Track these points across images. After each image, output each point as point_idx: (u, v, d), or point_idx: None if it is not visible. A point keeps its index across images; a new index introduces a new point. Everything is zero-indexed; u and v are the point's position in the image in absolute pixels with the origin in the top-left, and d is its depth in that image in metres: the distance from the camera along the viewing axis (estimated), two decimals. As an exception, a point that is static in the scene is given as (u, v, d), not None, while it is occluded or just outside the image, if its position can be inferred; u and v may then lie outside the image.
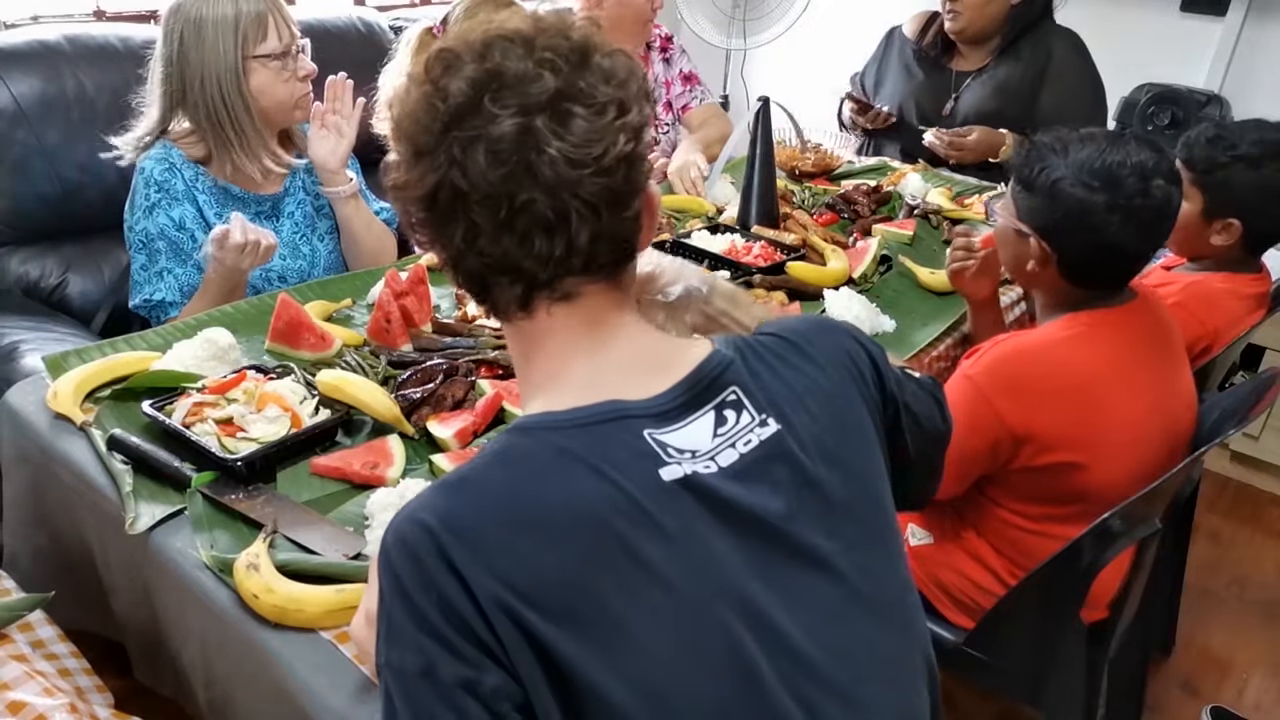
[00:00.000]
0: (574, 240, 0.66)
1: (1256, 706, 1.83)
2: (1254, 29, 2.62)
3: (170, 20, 1.47)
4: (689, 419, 0.69)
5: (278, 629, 0.87)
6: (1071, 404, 1.16)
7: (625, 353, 0.72)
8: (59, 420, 1.13)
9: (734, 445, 0.69)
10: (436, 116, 0.66)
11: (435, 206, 0.67)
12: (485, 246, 0.67)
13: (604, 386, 0.69)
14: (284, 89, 1.52)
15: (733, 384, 0.71)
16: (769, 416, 0.70)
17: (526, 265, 0.67)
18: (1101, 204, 1.12)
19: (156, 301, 1.52)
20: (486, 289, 0.71)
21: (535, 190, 0.65)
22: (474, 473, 0.66)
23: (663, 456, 0.66)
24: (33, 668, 0.94)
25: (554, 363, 0.72)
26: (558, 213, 0.65)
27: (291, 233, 1.65)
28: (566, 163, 0.65)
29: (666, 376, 0.71)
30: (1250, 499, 2.47)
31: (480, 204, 0.65)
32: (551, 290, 0.69)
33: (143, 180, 1.51)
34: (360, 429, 1.16)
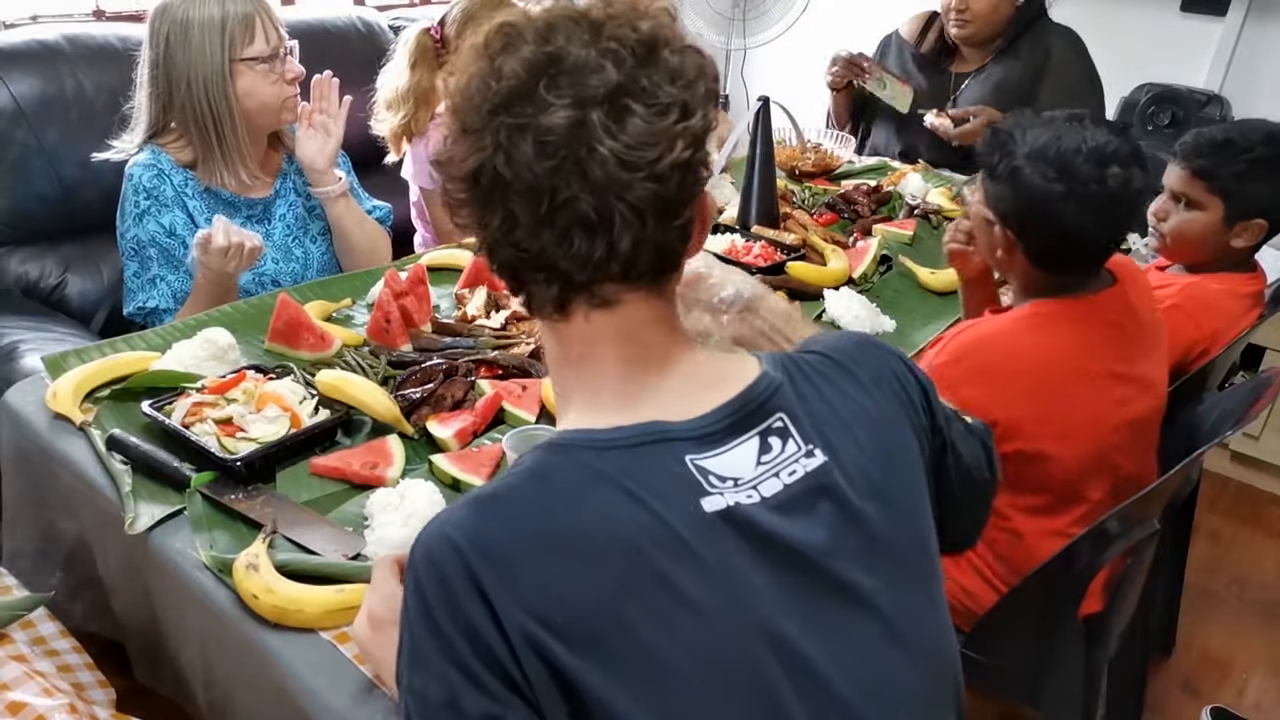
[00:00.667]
0: (615, 244, 0.63)
1: (1257, 707, 1.83)
2: (1254, 29, 2.62)
3: (156, 22, 1.45)
4: (732, 444, 0.66)
5: (277, 629, 0.86)
6: (1031, 390, 1.16)
7: (667, 368, 0.69)
8: (58, 420, 1.13)
9: (778, 475, 0.66)
10: (487, 96, 0.63)
11: (476, 189, 0.64)
12: (522, 239, 0.64)
13: (643, 403, 0.67)
14: (271, 92, 1.51)
15: (779, 410, 0.68)
16: (815, 447, 0.67)
17: (562, 264, 0.64)
18: (1058, 193, 1.11)
19: (150, 309, 1.51)
20: (521, 283, 0.68)
21: (580, 188, 0.61)
22: (508, 490, 0.63)
23: (704, 485, 0.63)
24: (32, 668, 0.94)
25: (590, 372, 0.69)
26: (601, 214, 0.62)
27: (283, 235, 1.64)
28: (618, 163, 0.61)
29: (710, 396, 0.68)
30: (1250, 499, 2.47)
31: (521, 194, 0.62)
32: (589, 295, 0.66)
33: (131, 187, 1.50)
34: (360, 429, 1.16)
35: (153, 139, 1.52)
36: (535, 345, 1.31)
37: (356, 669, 0.83)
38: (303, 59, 1.57)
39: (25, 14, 2.01)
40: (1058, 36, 2.23)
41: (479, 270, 1.51)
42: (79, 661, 1.03)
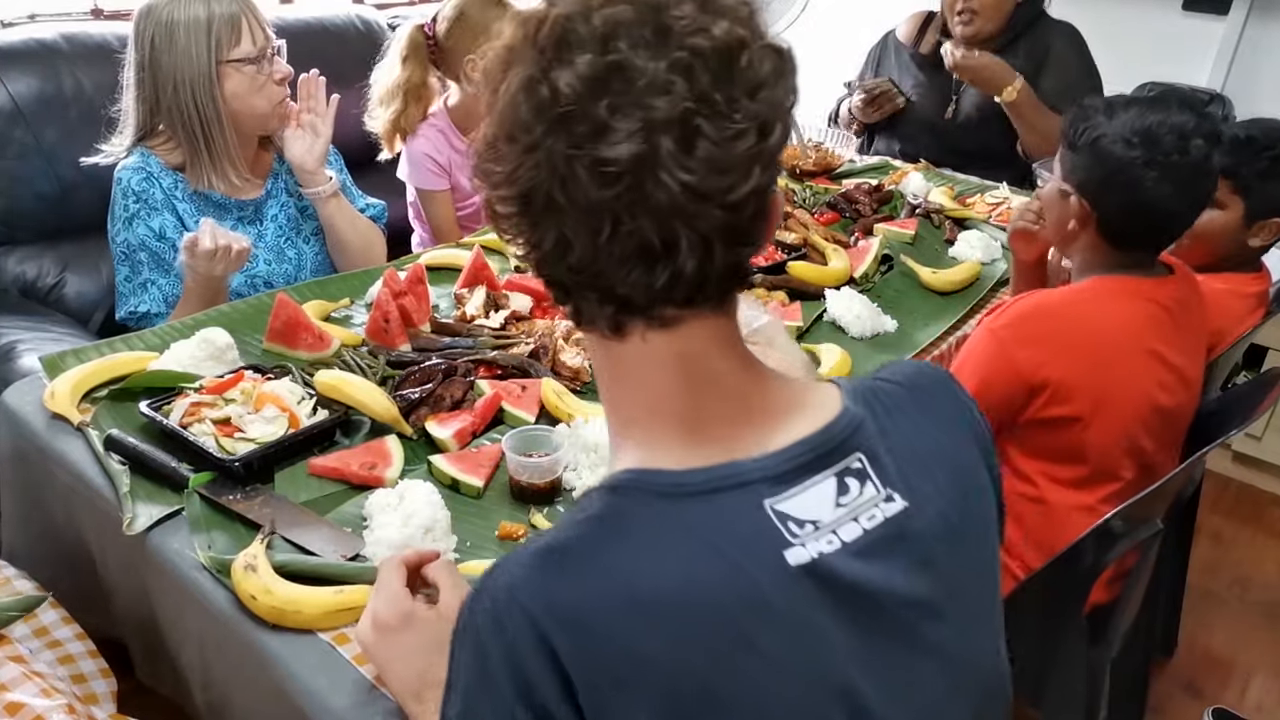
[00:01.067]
0: (679, 272, 0.57)
1: (1259, 708, 1.83)
2: (1256, 28, 2.61)
3: (141, 23, 1.44)
4: (808, 482, 0.61)
5: (276, 630, 0.86)
6: (1084, 357, 1.19)
7: (734, 395, 0.63)
8: (56, 420, 1.13)
9: (857, 519, 0.61)
10: (539, 112, 0.55)
11: (526, 208, 0.58)
12: (577, 262, 0.57)
13: (712, 437, 0.62)
14: (259, 94, 1.49)
15: (858, 450, 0.63)
16: (895, 492, 0.63)
17: (620, 289, 0.58)
18: (1139, 160, 1.14)
19: (141, 314, 1.50)
20: (570, 298, 0.62)
21: (644, 216, 0.55)
22: (580, 544, 0.58)
23: (785, 535, 0.59)
24: (30, 669, 0.94)
25: (650, 398, 0.63)
26: (665, 242, 0.56)
27: (275, 236, 1.63)
28: (686, 192, 0.54)
29: (785, 430, 0.62)
30: (1252, 500, 2.47)
31: (577, 220, 0.56)
32: (647, 317, 0.60)
33: (120, 191, 1.48)
34: (358, 429, 1.15)
35: (141, 141, 1.51)
36: (535, 345, 1.31)
37: (356, 670, 0.83)
38: (300, 57, 1.56)
39: (23, 13, 2.00)
40: (1057, 33, 2.23)
41: (478, 270, 1.50)
42: (81, 650, 1.03)
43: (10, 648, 0.96)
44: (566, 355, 1.29)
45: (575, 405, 1.18)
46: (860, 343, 1.46)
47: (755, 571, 0.57)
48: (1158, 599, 1.74)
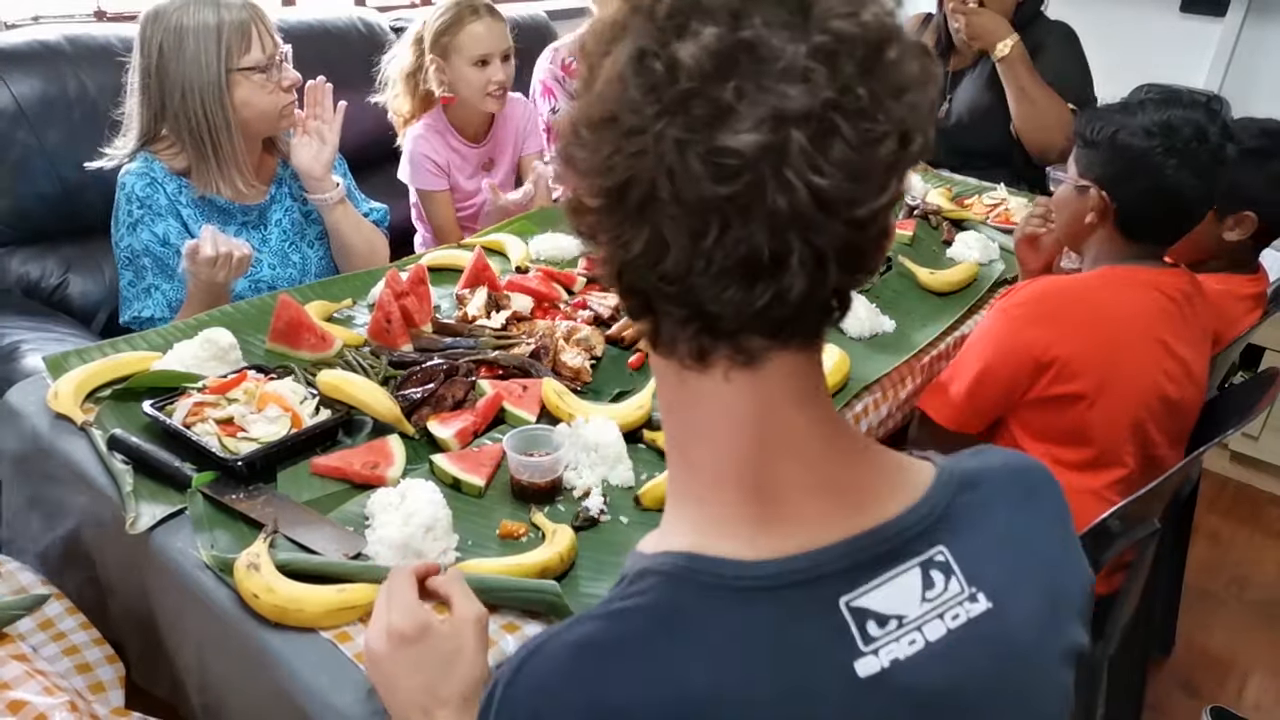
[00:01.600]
0: (783, 292, 0.49)
1: (1256, 707, 1.84)
2: (1253, 29, 2.62)
3: (148, 29, 1.43)
4: (891, 573, 0.54)
5: (278, 629, 0.87)
6: (1093, 336, 1.22)
7: (816, 462, 0.55)
8: (59, 420, 1.13)
9: (942, 617, 0.54)
10: (652, 90, 0.47)
11: (621, 202, 0.50)
12: (670, 270, 0.49)
13: (785, 513, 0.54)
14: (268, 101, 1.49)
15: (942, 543, 0.56)
16: (979, 591, 0.56)
17: (711, 306, 0.50)
18: (1159, 148, 1.18)
19: (145, 319, 1.50)
20: (650, 314, 0.54)
21: (757, 222, 0.47)
22: (628, 641, 0.52)
23: (859, 641, 0.52)
24: (33, 666, 0.94)
25: (718, 458, 0.55)
26: (776, 255, 0.48)
27: (280, 241, 1.63)
28: (812, 199, 0.46)
29: (868, 509, 0.55)
30: (1250, 499, 2.48)
31: (679, 220, 0.48)
32: (734, 346, 0.52)
33: (124, 196, 1.48)
34: (360, 429, 1.16)
35: (145, 146, 1.50)
36: (536, 346, 1.31)
37: (357, 669, 0.83)
38: (303, 60, 1.56)
39: (27, 14, 2.01)
40: (1050, 31, 2.23)
41: (479, 271, 1.51)
42: (86, 639, 1.04)
43: (13, 646, 0.97)
44: (567, 355, 1.30)
45: (576, 405, 1.19)
46: (858, 343, 1.47)
47: (819, 685, 0.51)
48: (1155, 598, 1.75)
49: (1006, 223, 1.93)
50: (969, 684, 0.55)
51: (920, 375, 1.44)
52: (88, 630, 1.04)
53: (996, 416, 1.30)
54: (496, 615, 0.89)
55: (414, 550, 0.93)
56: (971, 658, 0.55)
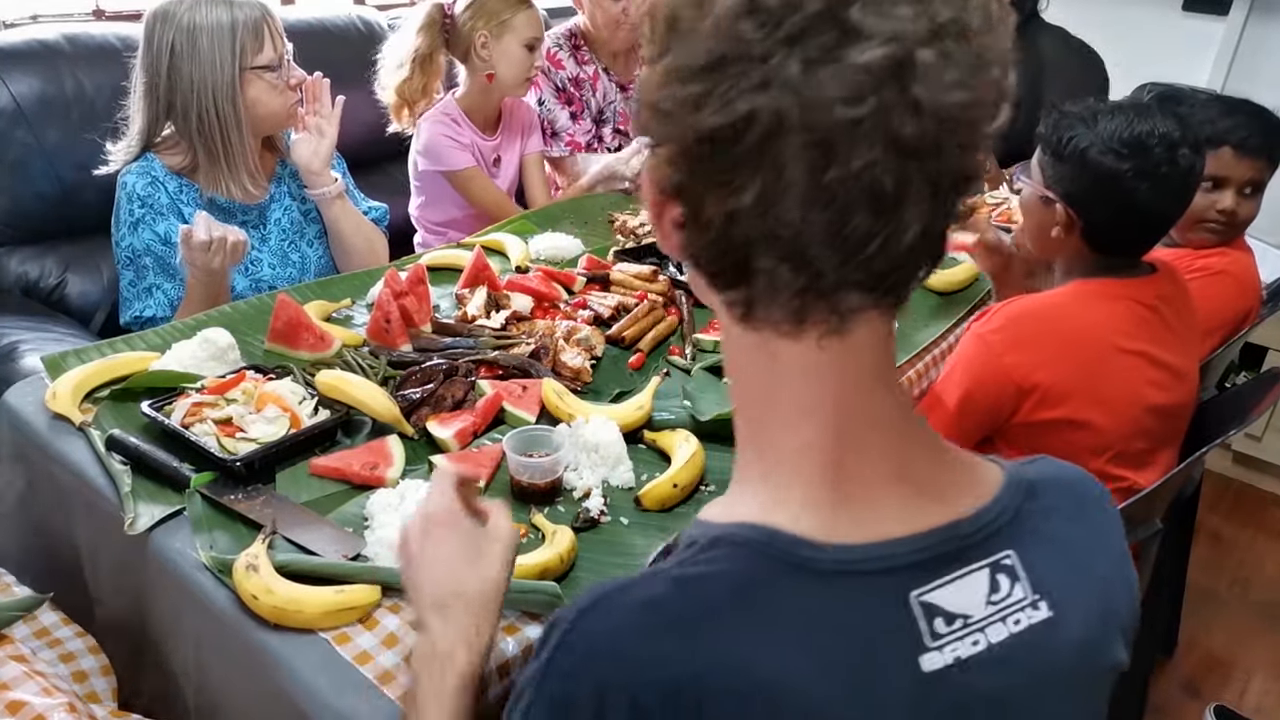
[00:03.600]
0: (900, 230, 0.48)
1: (1258, 709, 1.83)
2: (1256, 28, 2.62)
3: (157, 28, 1.42)
4: (961, 572, 0.53)
5: (277, 630, 0.86)
6: (1074, 358, 1.20)
7: (893, 452, 0.55)
8: (58, 420, 1.13)
9: (1004, 621, 0.54)
10: (769, 24, 0.46)
11: (737, 142, 0.47)
12: (784, 213, 0.48)
13: (859, 497, 0.54)
14: (279, 100, 1.50)
15: (1010, 547, 0.55)
16: (1041, 599, 0.56)
17: (816, 252, 0.48)
18: (1130, 171, 1.16)
19: (146, 319, 1.50)
20: (745, 278, 0.52)
21: (881, 149, 0.46)
22: (704, 607, 0.50)
23: (925, 636, 0.52)
24: (32, 668, 0.94)
25: (801, 431, 0.54)
26: (898, 186, 0.47)
27: (279, 240, 1.63)
28: (935, 120, 0.46)
29: (939, 505, 0.55)
30: (1252, 500, 2.47)
31: (804, 150, 0.46)
32: (831, 306, 0.51)
33: (125, 195, 1.48)
34: (360, 429, 1.15)
35: (146, 146, 1.50)
36: (535, 346, 1.31)
37: (356, 670, 0.83)
38: (302, 59, 1.57)
39: (25, 13, 2.00)
40: (1047, 36, 2.22)
41: (479, 270, 1.51)
42: (81, 647, 1.03)
43: (12, 647, 0.97)
44: (567, 355, 1.30)
45: (576, 405, 1.18)
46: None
47: (886, 676, 0.51)
48: (1158, 599, 1.74)
49: (1008, 221, 1.92)
50: (1022, 690, 0.55)
51: (922, 375, 1.44)
52: (83, 638, 1.04)
53: (983, 438, 1.28)
54: (496, 617, 0.89)
55: (413, 551, 0.92)
56: (1028, 664, 0.55)
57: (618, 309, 1.46)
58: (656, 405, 1.21)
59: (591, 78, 2.25)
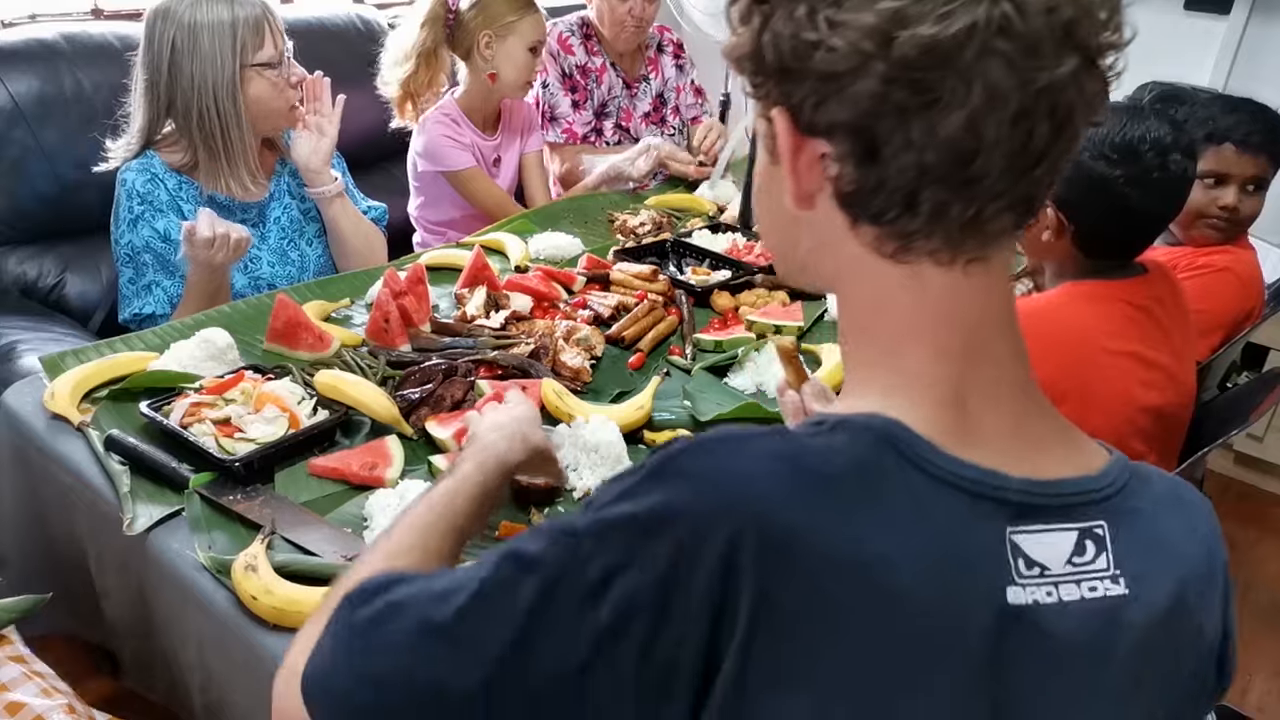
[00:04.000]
0: (1068, 144, 0.51)
1: (1260, 709, 1.83)
2: (1258, 27, 2.61)
3: (158, 25, 1.42)
4: (1052, 526, 0.54)
5: (276, 630, 0.86)
6: (1061, 359, 1.18)
7: (1008, 395, 0.56)
8: (56, 420, 1.13)
9: (1079, 584, 0.54)
10: None
11: (950, 61, 0.47)
12: (988, 130, 0.48)
13: (976, 427, 0.54)
14: (279, 98, 1.50)
15: (1104, 518, 0.55)
16: (1122, 575, 0.55)
17: (999, 174, 0.49)
18: (1121, 177, 1.15)
19: (146, 315, 1.50)
20: (912, 207, 0.51)
21: (1073, 60, 0.49)
22: (835, 475, 0.50)
23: (1013, 570, 0.52)
24: (31, 668, 0.93)
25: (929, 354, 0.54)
26: (1073, 100, 0.50)
27: (279, 239, 1.63)
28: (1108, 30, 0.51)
29: (1044, 459, 0.55)
30: (1254, 501, 2.47)
31: (1015, 61, 0.47)
32: (982, 231, 0.52)
33: (125, 192, 1.48)
34: (359, 430, 1.15)
35: (146, 144, 1.50)
36: (535, 345, 1.31)
37: (355, 671, 0.82)
38: (301, 57, 1.56)
39: (23, 12, 2.00)
40: None
41: (478, 270, 1.50)
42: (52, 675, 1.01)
43: (11, 648, 0.96)
44: (567, 355, 1.29)
45: (575, 405, 1.18)
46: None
47: (976, 595, 0.51)
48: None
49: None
50: (1082, 654, 0.54)
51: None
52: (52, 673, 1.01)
53: None
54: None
55: (412, 552, 0.92)
56: (1094, 631, 0.54)
57: (618, 309, 1.46)
58: (656, 405, 1.21)
59: (598, 70, 2.25)
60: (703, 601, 0.47)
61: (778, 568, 0.47)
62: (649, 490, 0.49)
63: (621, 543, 0.48)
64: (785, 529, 0.47)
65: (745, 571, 0.46)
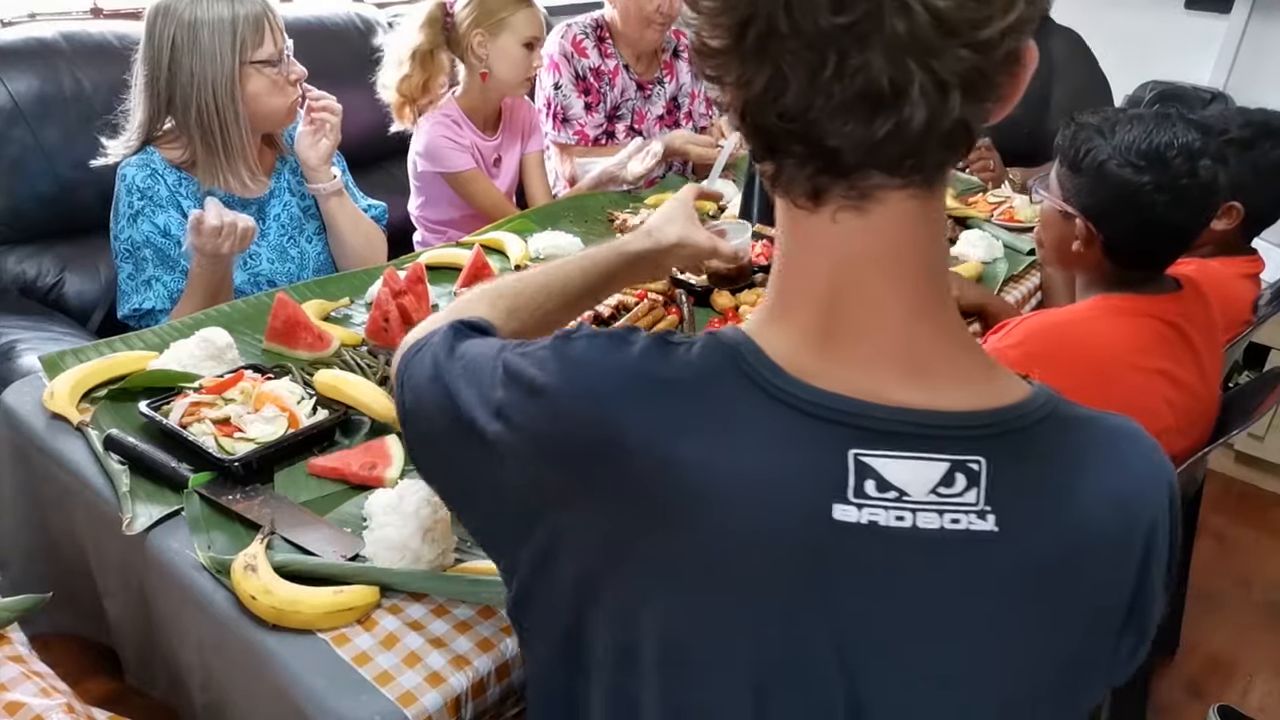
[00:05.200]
0: (904, 124, 0.50)
1: (1261, 709, 1.82)
2: (1258, 26, 2.61)
3: (158, 21, 1.43)
4: (918, 454, 0.54)
5: (275, 630, 0.86)
6: (1088, 374, 1.16)
7: (893, 329, 0.56)
8: (55, 420, 1.12)
9: (941, 514, 0.54)
10: None
11: (741, 40, 0.51)
12: (789, 106, 0.51)
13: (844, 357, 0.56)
14: (279, 95, 1.50)
15: (985, 455, 0.54)
16: (991, 513, 0.54)
17: (832, 141, 0.51)
18: (1149, 184, 1.12)
19: (145, 310, 1.50)
20: (772, 155, 0.56)
21: (875, 51, 0.48)
22: (665, 373, 0.56)
23: (848, 490, 0.53)
24: (30, 668, 0.93)
25: (808, 293, 0.57)
26: (895, 85, 0.49)
27: (279, 235, 1.64)
28: (933, 23, 0.47)
29: (929, 392, 0.55)
30: (1256, 500, 2.46)
31: (798, 54, 0.49)
32: (849, 185, 0.54)
33: (125, 187, 1.49)
34: (358, 429, 1.15)
35: (147, 140, 1.51)
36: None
37: (355, 670, 0.82)
38: (300, 56, 1.56)
39: (23, 11, 2.00)
40: (1058, 38, 2.22)
41: (478, 269, 1.50)
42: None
43: (10, 647, 0.96)
44: (567, 355, 1.29)
45: (576, 405, 1.18)
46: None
47: (791, 507, 0.53)
48: (1160, 599, 1.74)
49: (1010, 220, 1.92)
50: (939, 585, 0.55)
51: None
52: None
53: None
54: (494, 618, 0.88)
55: (412, 552, 0.92)
56: (956, 565, 0.55)
57: (618, 308, 1.46)
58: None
59: (612, 72, 2.24)
60: (540, 468, 0.58)
61: (603, 457, 0.55)
62: (544, 361, 0.59)
63: (516, 392, 0.60)
64: (614, 424, 0.55)
65: (576, 454, 0.56)
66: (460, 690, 0.82)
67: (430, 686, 0.81)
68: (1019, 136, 2.18)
